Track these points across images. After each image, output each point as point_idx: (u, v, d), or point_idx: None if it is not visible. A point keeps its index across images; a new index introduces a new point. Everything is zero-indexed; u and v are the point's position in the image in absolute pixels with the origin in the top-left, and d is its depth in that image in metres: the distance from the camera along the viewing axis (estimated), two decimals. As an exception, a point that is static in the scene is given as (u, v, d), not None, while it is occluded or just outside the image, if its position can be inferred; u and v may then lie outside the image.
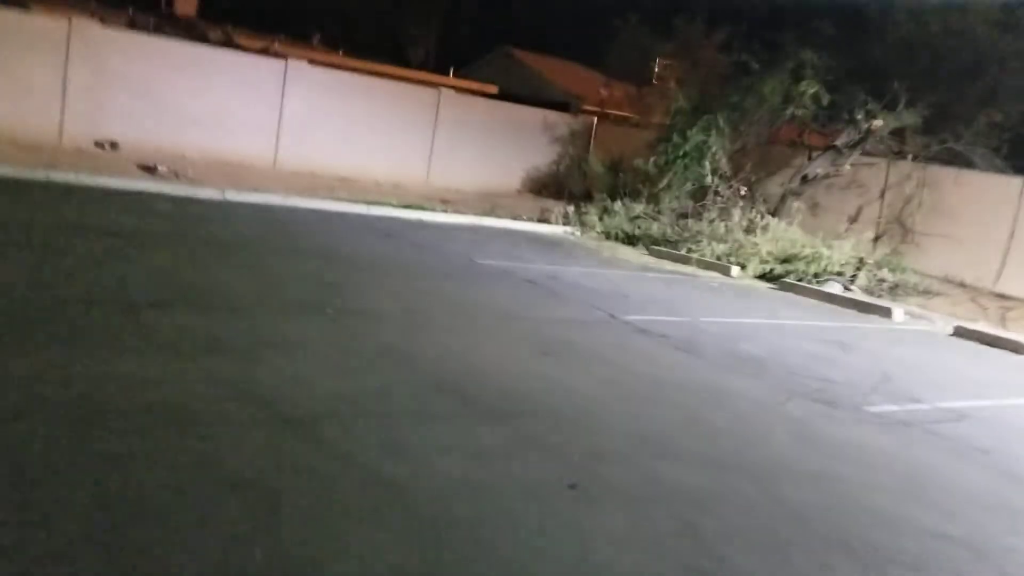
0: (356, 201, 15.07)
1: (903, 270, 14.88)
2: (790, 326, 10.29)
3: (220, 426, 4.31)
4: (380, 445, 4.39)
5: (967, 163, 16.27)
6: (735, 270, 14.11)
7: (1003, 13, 16.49)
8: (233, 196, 13.39)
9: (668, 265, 14.29)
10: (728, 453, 5.17)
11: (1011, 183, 15.21)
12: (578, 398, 5.79)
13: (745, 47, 17.58)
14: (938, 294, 14.68)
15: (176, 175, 14.36)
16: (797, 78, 16.66)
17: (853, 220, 17.18)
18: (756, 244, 14.64)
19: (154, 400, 4.52)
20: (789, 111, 16.84)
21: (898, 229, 16.51)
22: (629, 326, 8.56)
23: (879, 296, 13.76)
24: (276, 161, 18.30)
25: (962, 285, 15.25)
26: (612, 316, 8.91)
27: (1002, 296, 14.75)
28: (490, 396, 5.50)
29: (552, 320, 8.34)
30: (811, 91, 16.50)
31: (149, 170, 14.41)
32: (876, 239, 16.50)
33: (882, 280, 14.28)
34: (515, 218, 17.14)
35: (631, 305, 9.74)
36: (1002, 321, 13.41)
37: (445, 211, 16.28)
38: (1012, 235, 14.94)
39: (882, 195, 16.91)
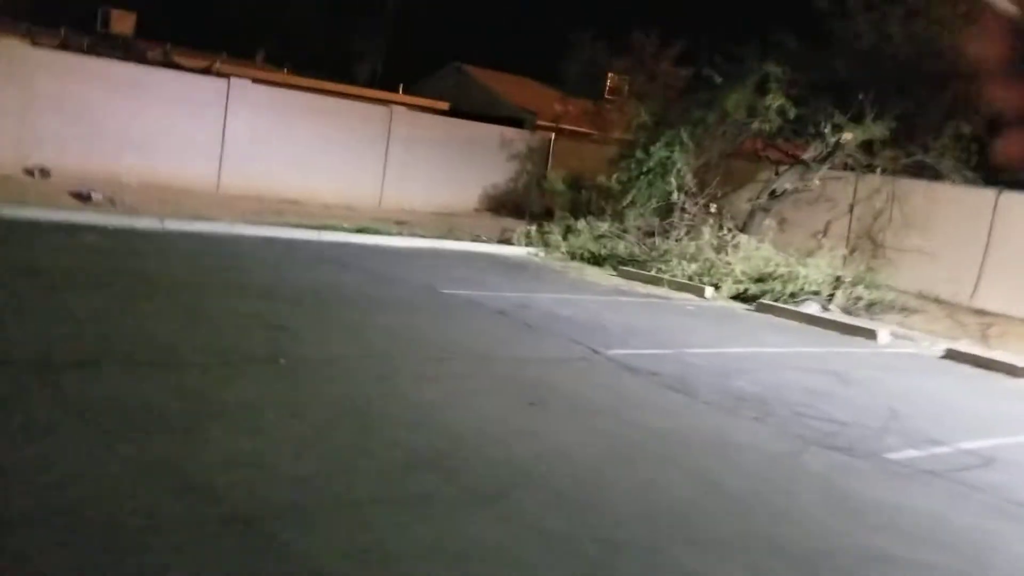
0: (306, 226, 14.16)
1: (878, 287, 14.39)
2: (778, 355, 9.65)
3: (152, 534, 3.44)
4: (347, 550, 3.56)
5: (937, 176, 15.92)
6: (709, 291, 13.49)
7: (966, 22, 16.18)
8: (173, 225, 12.41)
9: (639, 287, 13.63)
10: (759, 531, 4.42)
11: (984, 195, 14.84)
12: (577, 464, 5.00)
13: (707, 60, 17.07)
14: (915, 311, 14.22)
15: (112, 202, 13.32)
16: (762, 91, 16.17)
17: (822, 235, 16.71)
18: (729, 263, 14.04)
19: (71, 500, 3.63)
20: (755, 125, 16.33)
21: (869, 244, 16.07)
22: (614, 363, 7.82)
23: (857, 315, 13.24)
24: (220, 184, 17.28)
25: (938, 301, 14.82)
26: (594, 351, 8.17)
27: (980, 312, 14.34)
28: (474, 468, 4.69)
29: (531, 360, 7.56)
30: (776, 104, 16.00)
31: (82, 198, 13.34)
32: (847, 255, 16.04)
33: (859, 298, 13.78)
34: (476, 240, 16.37)
35: (611, 337, 9.01)
36: (984, 339, 12.96)
37: (402, 234, 15.45)
38: (987, 249, 14.56)
39: (851, 210, 16.48)
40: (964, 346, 11.52)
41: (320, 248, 12.75)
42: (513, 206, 21.75)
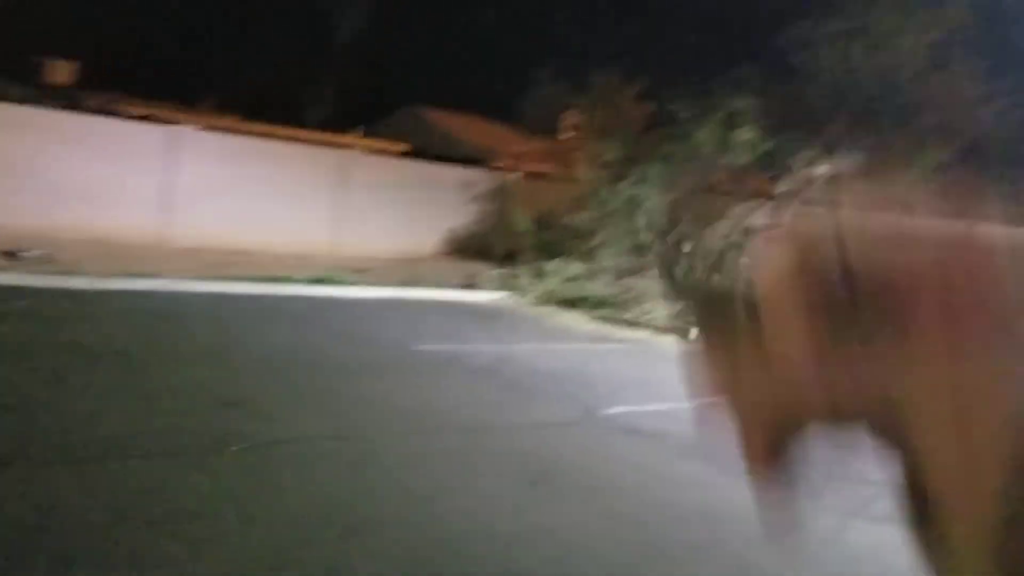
0: (259, 279, 13.20)
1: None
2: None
3: None
4: None
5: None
6: (694, 333, 12.75)
7: (931, 53, 15.94)
8: (113, 283, 11.38)
9: (619, 332, 12.87)
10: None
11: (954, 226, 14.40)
12: (610, 565, 4.14)
13: (672, 96, 16.60)
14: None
15: (47, 260, 12.24)
16: (732, 125, 15.69)
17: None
18: (711, 304, 13.36)
19: None
20: (726, 160, 15.81)
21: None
22: (614, 424, 7.00)
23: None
24: (165, 237, 16.24)
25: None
26: (588, 411, 7.34)
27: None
28: (485, 582, 3.82)
29: (524, 427, 6.70)
30: (747, 138, 15.52)
31: (11, 256, 12.25)
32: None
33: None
34: (441, 286, 15.52)
35: (604, 393, 8.19)
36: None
37: (363, 284, 14.54)
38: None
39: (826, 244, 15.97)
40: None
41: (276, 303, 11.80)
42: (477, 249, 20.97)
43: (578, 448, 6.24)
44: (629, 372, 9.56)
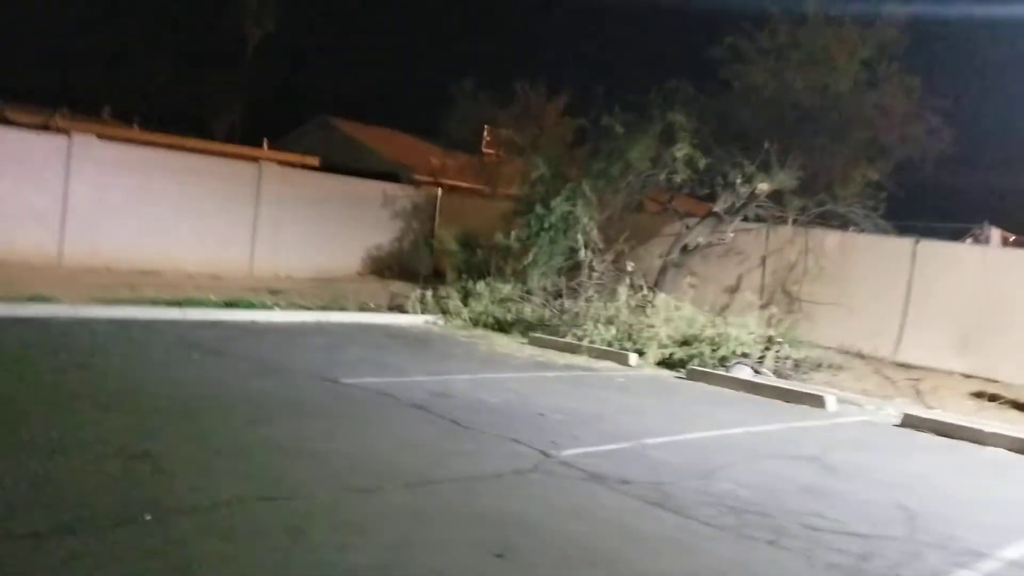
0: (167, 303, 12.14)
1: (800, 344, 13.54)
2: (741, 439, 8.38)
3: None
4: None
5: (845, 225, 15.38)
6: (633, 358, 12.25)
7: (865, 70, 15.89)
8: (1, 310, 10.17)
9: (557, 357, 12.24)
10: None
11: (901, 244, 14.33)
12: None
13: (602, 110, 16.14)
14: (840, 368, 13.44)
15: (-80, 284, 10.94)
16: (668, 141, 15.29)
17: (734, 290, 15.87)
18: (651, 326, 12.86)
19: None
20: (662, 176, 15.40)
21: (784, 298, 15.29)
22: (573, 470, 6.32)
23: (787, 376, 12.28)
24: (62, 257, 14.96)
25: (861, 356, 14.10)
26: (545, 455, 6.64)
27: (905, 366, 13.69)
28: None
29: (477, 478, 5.95)
30: (683, 154, 15.14)
31: None
32: (762, 310, 15.19)
33: (786, 358, 12.84)
34: (365, 309, 14.66)
35: (556, 430, 7.52)
36: (917, 395, 12.24)
37: (280, 306, 13.57)
38: (907, 300, 13.98)
39: (763, 262, 15.72)
40: (916, 409, 10.66)
41: (186, 330, 10.77)
42: (400, 268, 20.15)
43: (540, 504, 5.52)
44: (578, 405, 8.90)
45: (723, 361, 12.17)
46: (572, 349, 12.66)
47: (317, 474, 5.58)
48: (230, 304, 12.93)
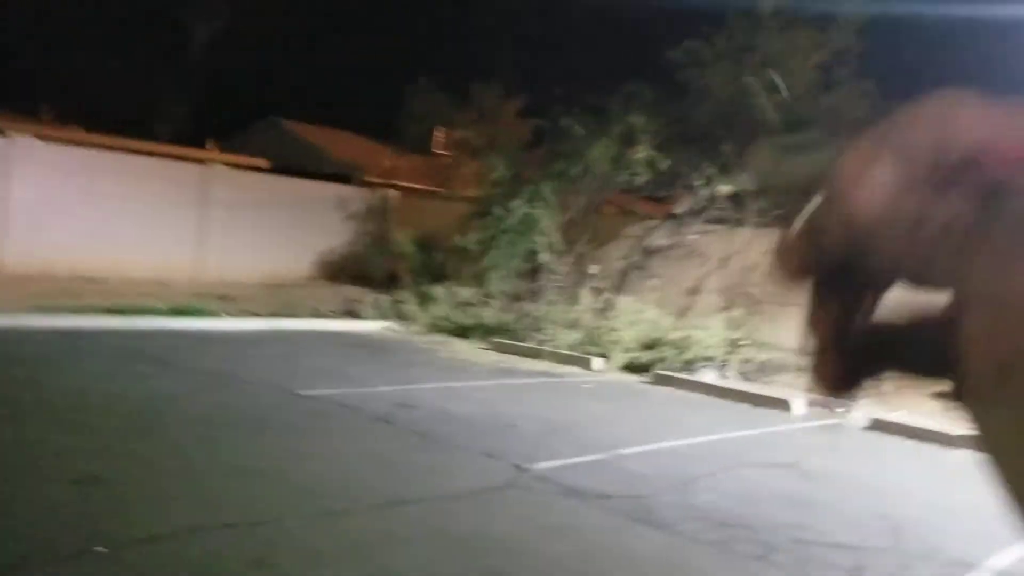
0: (111, 311, 11.61)
1: (763, 346, 13.45)
2: (715, 446, 8.21)
3: None
4: None
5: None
6: (597, 362, 12.04)
7: (820, 72, 15.91)
8: (-68, 321, 9.60)
9: (521, 362, 11.98)
10: None
11: (861, 245, 14.32)
12: None
13: (560, 112, 15.92)
14: (803, 369, 13.36)
15: None
16: (628, 143, 15.12)
17: (695, 292, 15.75)
18: (615, 330, 12.66)
19: None
20: (622, 178, 15.23)
21: (745, 300, 15.20)
22: (549, 484, 6.06)
23: (752, 379, 12.19)
24: (1, 262, 14.25)
25: (822, 357, 14.05)
26: (519, 468, 6.37)
27: (866, 367, 13.66)
28: None
29: (452, 497, 5.65)
30: (643, 156, 14.97)
31: None
32: (722, 311, 15.10)
33: (750, 360, 12.75)
34: (319, 315, 14.24)
35: (528, 442, 7.25)
36: (881, 395, 12.21)
37: (230, 313, 13.10)
38: (868, 300, 13.97)
39: (724, 264, 15.61)
40: (882, 411, 10.62)
41: (133, 339, 10.28)
42: (354, 272, 19.68)
43: (521, 523, 5.25)
44: (548, 414, 8.64)
45: (689, 365, 12.03)
46: (535, 354, 12.41)
47: (281, 496, 5.23)
48: (178, 312, 12.43)
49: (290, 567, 4.19)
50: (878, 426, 9.72)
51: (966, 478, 7.98)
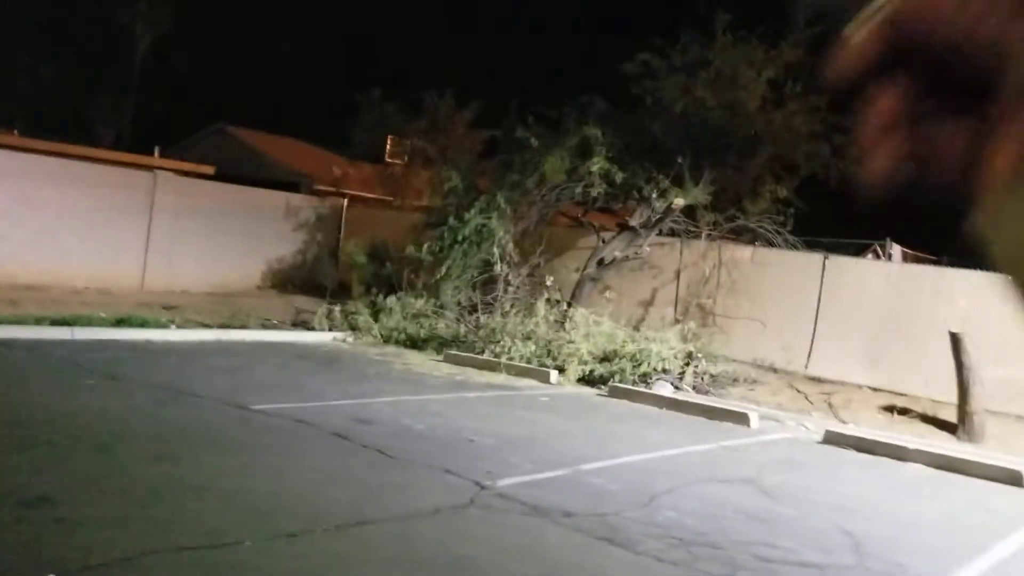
0: (52, 321, 11.22)
1: (716, 358, 13.55)
2: (674, 461, 8.20)
3: None
4: None
5: (755, 239, 15.53)
6: (553, 375, 11.98)
7: (771, 90, 16.12)
8: None
9: (476, 375, 11.87)
10: None
11: (811, 260, 14.52)
12: None
13: (514, 122, 15.89)
14: (755, 382, 13.51)
15: None
16: (583, 155, 15.12)
17: (649, 304, 15.83)
18: (572, 342, 12.62)
19: None
20: (578, 189, 15.22)
21: (698, 312, 15.31)
22: (513, 503, 5.95)
23: (705, 391, 12.25)
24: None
25: (774, 370, 14.21)
26: (480, 486, 6.26)
27: (816, 379, 13.84)
28: None
29: (411, 516, 5.51)
30: (598, 167, 14.97)
31: None
32: (675, 323, 15.17)
33: (704, 373, 12.82)
34: (268, 326, 13.99)
35: (488, 458, 7.15)
36: (831, 409, 12.38)
37: (176, 324, 12.78)
38: (817, 315, 14.17)
39: (678, 276, 15.72)
40: (833, 424, 10.76)
41: (75, 350, 9.93)
42: (302, 281, 19.37)
43: (486, 544, 5.14)
44: (506, 429, 8.54)
45: (644, 378, 12.03)
46: (491, 367, 12.31)
47: (238, 517, 5.05)
48: (122, 322, 12.07)
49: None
50: (832, 439, 9.81)
51: (923, 493, 8.11)
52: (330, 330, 14.06)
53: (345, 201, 21.44)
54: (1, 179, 14.62)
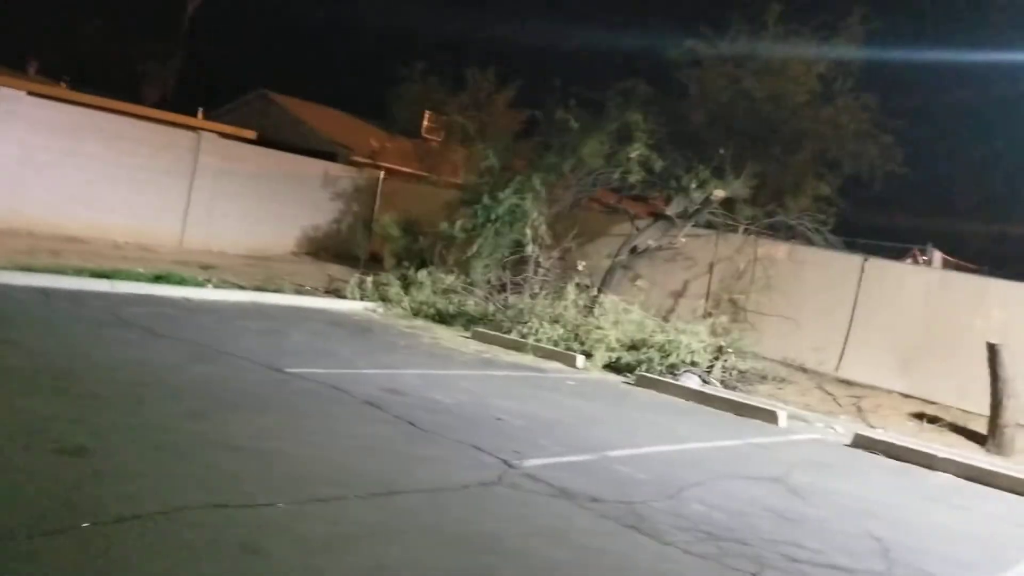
0: (92, 273, 11.37)
1: (745, 355, 13.45)
2: (702, 454, 8.18)
3: None
4: None
5: (793, 236, 15.38)
6: (580, 360, 11.98)
7: (821, 83, 15.92)
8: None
9: (503, 354, 11.88)
10: None
11: (851, 261, 14.36)
12: None
13: (556, 104, 15.78)
14: (783, 381, 13.43)
15: None
16: (623, 140, 15.02)
17: (679, 295, 15.75)
18: (600, 328, 12.59)
19: None
20: (616, 175, 15.12)
21: (729, 307, 15.21)
22: (540, 484, 5.97)
23: (732, 387, 12.19)
24: (-22, 216, 13.94)
25: (803, 370, 14.11)
26: (508, 464, 6.29)
27: (846, 382, 13.74)
28: None
29: (440, 488, 5.55)
30: (638, 154, 14.86)
31: None
32: (705, 317, 15.08)
33: (732, 368, 12.75)
34: (302, 291, 14.07)
35: (515, 437, 7.17)
36: (859, 413, 12.29)
37: (213, 283, 12.91)
38: (852, 317, 14.03)
39: (711, 269, 15.62)
40: (862, 428, 10.68)
41: (115, 303, 10.05)
42: (336, 250, 19.49)
43: (514, 523, 5.16)
44: (534, 410, 8.55)
45: (672, 369, 11.99)
46: (518, 347, 12.32)
47: (272, 479, 5.11)
48: (161, 278, 12.19)
49: (281, 554, 4.08)
50: (861, 443, 9.73)
51: (952, 503, 8.03)
52: (361, 300, 14.12)
53: (381, 174, 21.47)
54: (49, 131, 14.78)
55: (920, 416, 12.32)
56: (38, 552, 3.65)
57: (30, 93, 15.26)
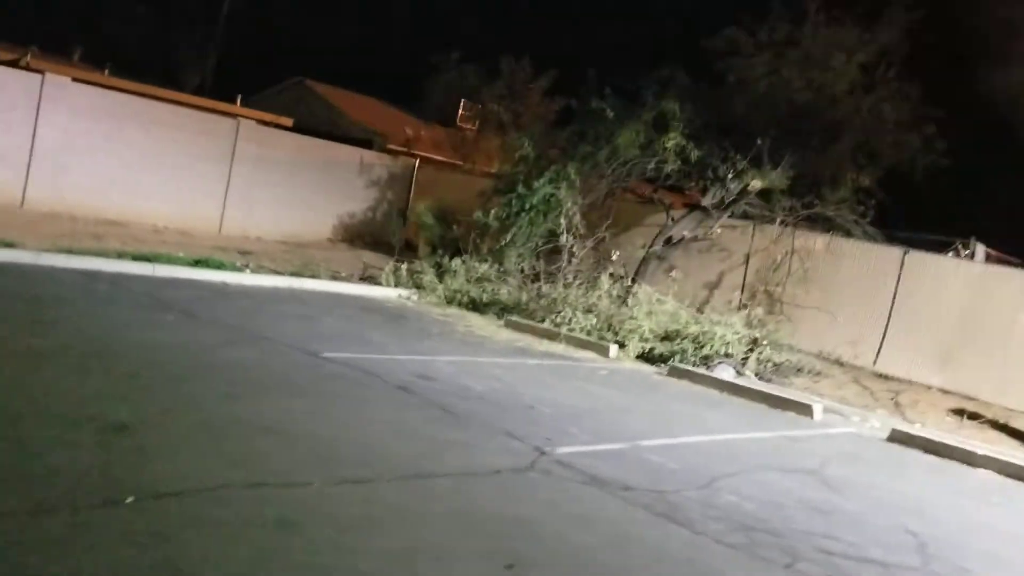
0: (132, 256, 11.56)
1: (781, 347, 13.32)
2: (735, 445, 8.13)
3: None
4: None
5: (831, 228, 15.17)
6: (613, 349, 11.94)
7: (863, 74, 15.68)
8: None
9: (536, 343, 11.89)
10: None
11: (890, 253, 14.16)
12: None
13: (592, 92, 15.69)
14: (819, 374, 13.27)
15: None
16: (659, 129, 14.91)
17: (714, 287, 15.64)
18: (634, 319, 12.55)
19: None
20: (651, 165, 15.03)
21: (765, 299, 15.07)
22: (572, 471, 5.98)
23: (767, 379, 12.09)
24: (25, 200, 14.25)
25: (840, 363, 13.95)
26: (540, 451, 6.30)
27: (884, 377, 13.56)
28: None
29: (474, 475, 5.58)
30: (674, 143, 14.75)
31: None
32: (740, 308, 14.96)
33: (767, 360, 12.63)
34: (337, 278, 14.17)
35: (547, 425, 7.18)
36: (897, 407, 12.12)
37: (251, 268, 13.06)
38: (891, 310, 13.84)
39: (747, 261, 15.48)
40: (899, 423, 10.54)
41: (155, 287, 10.21)
42: (371, 238, 19.60)
43: (545, 509, 5.17)
44: (566, 398, 8.55)
45: (706, 360, 11.92)
46: (550, 335, 12.31)
47: (307, 459, 5.17)
48: (200, 263, 12.36)
49: (315, 532, 4.13)
50: (898, 438, 9.61)
51: (991, 500, 7.90)
52: (396, 287, 14.19)
53: (416, 162, 21.54)
54: (91, 117, 15.01)
55: (960, 412, 12.12)
56: (83, 525, 3.73)
57: (75, 79, 15.49)
